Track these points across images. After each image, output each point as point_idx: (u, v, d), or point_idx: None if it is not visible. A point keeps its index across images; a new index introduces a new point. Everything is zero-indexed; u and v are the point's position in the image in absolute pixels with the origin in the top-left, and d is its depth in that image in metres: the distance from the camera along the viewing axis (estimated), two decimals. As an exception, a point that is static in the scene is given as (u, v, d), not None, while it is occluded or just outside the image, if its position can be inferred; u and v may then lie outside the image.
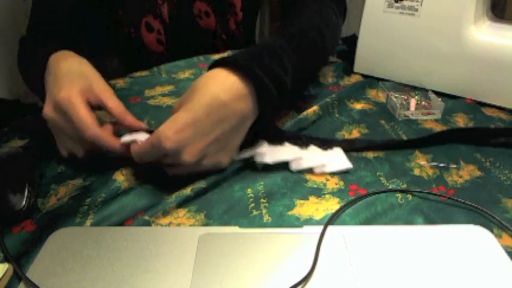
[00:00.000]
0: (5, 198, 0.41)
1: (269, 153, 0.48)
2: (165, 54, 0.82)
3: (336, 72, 0.77)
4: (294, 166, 0.48)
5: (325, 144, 0.52)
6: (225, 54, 0.80)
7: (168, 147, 0.40)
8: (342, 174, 0.48)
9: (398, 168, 0.50)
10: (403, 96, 0.66)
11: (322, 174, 0.48)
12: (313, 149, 0.51)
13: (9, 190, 0.42)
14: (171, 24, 0.78)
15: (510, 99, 0.64)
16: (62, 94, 0.45)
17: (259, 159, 0.48)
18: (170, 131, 0.40)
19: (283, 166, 0.49)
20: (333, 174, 0.48)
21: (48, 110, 0.46)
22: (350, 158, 0.51)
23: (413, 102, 0.64)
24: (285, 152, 0.49)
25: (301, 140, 0.52)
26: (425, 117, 0.62)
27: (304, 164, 0.48)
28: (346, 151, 0.51)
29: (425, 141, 0.54)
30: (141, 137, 0.48)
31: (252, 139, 0.50)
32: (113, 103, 0.49)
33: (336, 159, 0.50)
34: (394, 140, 0.55)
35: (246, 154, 0.49)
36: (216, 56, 0.79)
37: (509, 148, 0.53)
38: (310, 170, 0.48)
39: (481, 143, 0.54)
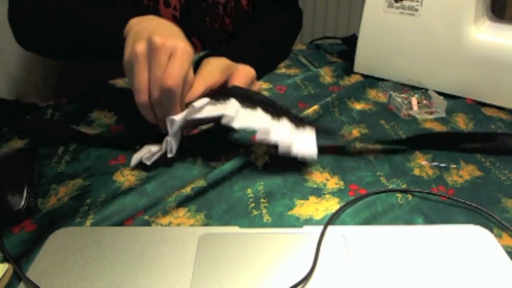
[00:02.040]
0: (4, 199, 0.41)
1: (237, 117, 0.45)
2: None
3: (336, 72, 0.77)
4: (259, 136, 0.45)
5: (300, 122, 0.49)
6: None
7: None
8: (342, 174, 0.48)
9: (398, 168, 0.50)
10: (403, 95, 0.66)
11: (285, 154, 0.46)
12: (285, 123, 0.48)
13: (8, 190, 0.42)
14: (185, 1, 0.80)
15: (510, 99, 0.64)
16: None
17: (226, 122, 0.45)
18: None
19: (283, 166, 0.49)
20: (301, 159, 0.46)
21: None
22: (351, 157, 0.52)
23: (414, 101, 0.63)
24: (253, 119, 0.46)
25: (274, 108, 0.48)
26: (430, 116, 0.62)
27: (271, 137, 0.45)
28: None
29: (404, 143, 0.54)
30: (153, 148, 0.49)
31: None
32: None
33: (305, 142, 0.47)
34: (388, 141, 0.55)
35: (214, 112, 0.46)
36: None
37: (484, 153, 0.52)
38: (276, 148, 0.46)
39: (455, 148, 0.53)
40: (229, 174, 0.48)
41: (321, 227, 0.39)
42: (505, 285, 0.34)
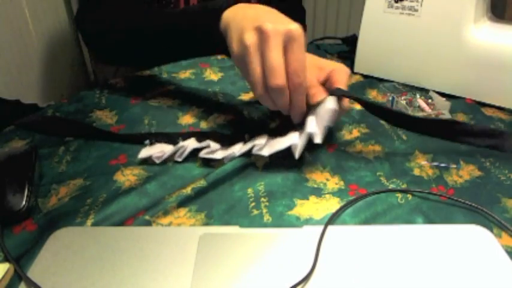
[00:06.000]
0: (5, 199, 0.41)
1: (267, 145, 0.47)
2: None
3: (336, 72, 0.77)
4: (295, 153, 0.46)
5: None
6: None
7: None
8: (342, 173, 0.48)
9: (398, 168, 0.50)
10: (404, 97, 0.66)
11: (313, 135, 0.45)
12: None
13: (9, 190, 0.42)
14: None
15: (510, 99, 0.64)
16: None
17: (256, 151, 0.47)
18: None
19: (284, 166, 0.49)
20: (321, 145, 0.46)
21: None
22: (351, 157, 0.52)
23: (422, 103, 0.63)
24: (282, 141, 0.47)
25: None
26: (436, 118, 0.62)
27: (300, 147, 0.46)
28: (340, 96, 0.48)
29: (407, 122, 0.53)
30: (166, 148, 0.50)
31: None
32: None
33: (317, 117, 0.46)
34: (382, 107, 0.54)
35: (245, 148, 0.48)
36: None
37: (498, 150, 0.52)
38: (312, 144, 0.46)
39: (457, 139, 0.52)
40: (230, 174, 0.48)
41: (321, 227, 0.39)
42: (505, 285, 0.34)
